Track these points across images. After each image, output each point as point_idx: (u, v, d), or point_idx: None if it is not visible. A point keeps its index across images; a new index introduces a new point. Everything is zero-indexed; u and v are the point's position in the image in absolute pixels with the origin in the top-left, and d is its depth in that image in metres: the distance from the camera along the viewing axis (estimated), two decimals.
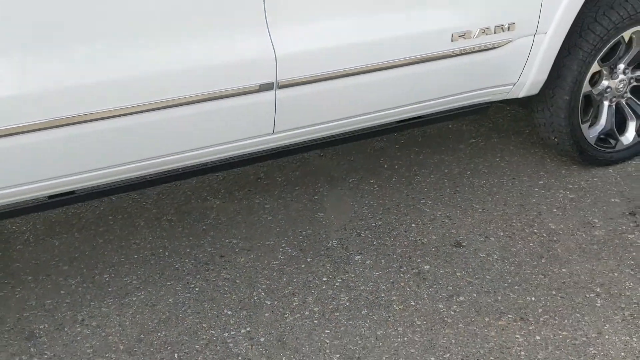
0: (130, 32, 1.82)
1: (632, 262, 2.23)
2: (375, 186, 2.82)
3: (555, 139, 2.72)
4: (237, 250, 2.43)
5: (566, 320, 1.99)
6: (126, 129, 1.90)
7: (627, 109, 2.78)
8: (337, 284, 2.21)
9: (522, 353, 1.87)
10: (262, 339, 1.98)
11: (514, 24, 2.29)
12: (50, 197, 2.09)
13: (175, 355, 1.93)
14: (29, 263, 2.43)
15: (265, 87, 2.01)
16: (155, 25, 1.84)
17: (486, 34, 2.25)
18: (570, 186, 2.71)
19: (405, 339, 1.95)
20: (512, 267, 2.24)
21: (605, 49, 2.52)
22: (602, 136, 2.77)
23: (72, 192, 2.11)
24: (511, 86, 2.48)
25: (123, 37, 1.81)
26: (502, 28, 2.27)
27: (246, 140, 2.13)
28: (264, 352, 1.93)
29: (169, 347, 1.96)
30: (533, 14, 2.31)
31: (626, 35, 2.56)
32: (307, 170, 2.99)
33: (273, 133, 2.15)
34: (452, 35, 2.19)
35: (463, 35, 2.21)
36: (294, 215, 2.63)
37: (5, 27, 1.68)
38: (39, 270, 2.38)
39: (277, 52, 1.98)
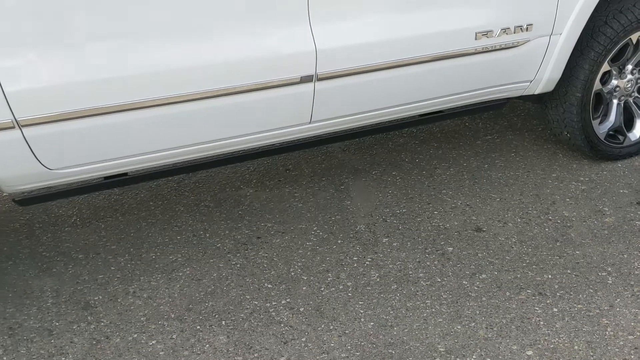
0: (190, 28, 2.01)
1: None
2: (398, 178, 3.00)
3: (568, 134, 2.91)
4: (272, 232, 2.61)
5: (580, 295, 2.16)
6: (184, 114, 2.09)
7: (634, 107, 2.97)
8: (367, 262, 2.39)
9: (541, 322, 2.04)
10: (301, 309, 2.15)
11: (532, 24, 2.48)
12: (105, 178, 2.29)
13: (223, 322, 2.11)
14: (79, 243, 2.61)
15: (306, 79, 2.20)
16: (212, 21, 2.03)
17: (507, 34, 2.44)
18: (582, 178, 2.89)
19: (433, 310, 2.12)
20: (530, 249, 2.42)
21: (614, 50, 2.71)
22: (611, 132, 2.95)
23: (125, 174, 2.31)
24: (528, 83, 2.67)
25: (183, 32, 2.01)
26: (521, 28, 2.46)
27: (285, 128, 2.32)
28: (304, 320, 2.10)
29: (217, 316, 2.14)
30: (549, 16, 2.50)
31: (634, 37, 2.74)
32: (332, 163, 3.17)
33: (310, 122, 2.34)
34: (476, 34, 2.38)
35: (486, 34, 2.40)
36: (322, 203, 2.81)
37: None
38: (89, 249, 2.56)
39: (318, 46, 2.17)
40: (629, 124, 2.98)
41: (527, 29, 2.48)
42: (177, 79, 2.02)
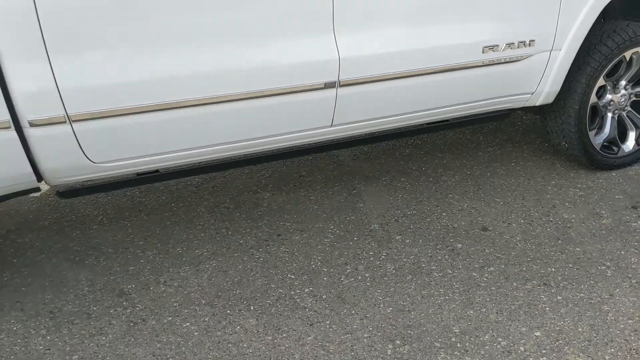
0: (228, 36, 2.19)
1: (636, 244, 2.58)
2: (407, 184, 3.18)
3: (566, 144, 3.11)
4: (291, 230, 2.77)
5: (582, 286, 2.33)
6: (218, 114, 2.26)
7: (627, 121, 3.19)
8: (383, 256, 2.55)
9: (547, 309, 2.20)
10: (324, 296, 2.30)
11: (534, 40, 2.69)
12: (138, 174, 2.45)
13: (251, 307, 2.25)
14: (107, 239, 2.75)
15: (329, 85, 2.39)
16: (249, 30, 2.22)
17: (511, 48, 2.65)
18: (579, 185, 3.09)
19: (447, 297, 2.28)
20: (533, 246, 2.59)
21: (609, 65, 2.93)
22: (606, 143, 3.16)
23: (156, 171, 2.47)
24: (530, 95, 2.87)
25: (221, 40, 2.19)
26: (524, 44, 2.68)
27: (309, 131, 2.50)
28: (327, 305, 2.25)
29: (245, 302, 2.28)
30: (550, 33, 2.72)
31: (627, 55, 2.97)
32: (343, 171, 3.35)
33: (331, 126, 2.52)
34: (483, 47, 2.59)
35: (492, 48, 2.61)
36: (337, 205, 2.98)
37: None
38: (117, 244, 2.71)
39: (341, 55, 2.36)
40: (623, 137, 3.20)
41: (529, 44, 2.70)
42: (213, 81, 2.20)
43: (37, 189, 2.23)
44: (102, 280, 2.45)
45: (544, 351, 2.00)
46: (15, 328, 2.18)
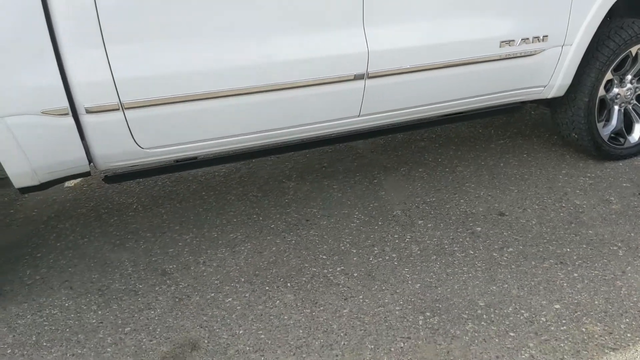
0: (265, 30, 2.35)
1: None
2: (424, 174, 3.34)
3: (576, 136, 3.28)
4: (319, 216, 2.92)
5: (596, 264, 2.49)
6: (257, 104, 2.41)
7: (633, 113, 3.36)
8: (407, 239, 2.71)
9: (565, 284, 2.36)
10: (355, 274, 2.46)
11: (547, 36, 2.86)
12: (176, 161, 2.61)
13: (288, 284, 2.40)
14: (144, 224, 2.90)
15: (359, 77, 2.55)
16: (284, 25, 2.37)
17: (526, 43, 2.82)
18: (589, 174, 3.25)
19: (470, 275, 2.44)
20: (549, 229, 2.75)
21: (617, 60, 3.11)
22: (613, 135, 3.33)
23: (195, 158, 2.63)
24: (542, 88, 3.04)
25: (260, 34, 2.35)
26: (538, 39, 2.84)
27: (337, 120, 2.66)
28: (358, 282, 2.41)
29: (281, 279, 2.43)
30: (562, 29, 2.89)
31: (633, 50, 3.15)
32: (363, 162, 3.51)
33: (359, 116, 2.68)
34: (500, 42, 2.76)
35: (508, 43, 2.78)
36: (359, 193, 3.13)
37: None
38: (155, 229, 2.85)
39: (370, 47, 2.52)
40: (629, 129, 3.37)
41: (543, 39, 2.86)
42: (255, 72, 2.35)
43: (88, 173, 2.38)
44: (144, 261, 2.59)
45: (563, 321, 2.16)
46: (67, 304, 2.33)
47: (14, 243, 2.77)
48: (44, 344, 2.12)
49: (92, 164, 2.34)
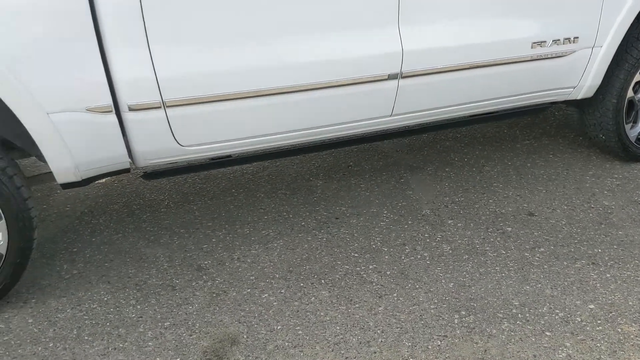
0: (304, 31, 2.38)
1: None
2: (451, 173, 3.36)
3: (603, 137, 3.29)
4: (348, 214, 2.95)
5: (628, 265, 2.50)
6: (292, 103, 2.44)
7: None
8: (438, 238, 2.73)
9: (598, 285, 2.38)
10: (387, 272, 2.48)
11: (577, 37, 2.87)
12: (211, 159, 2.64)
13: (322, 281, 2.43)
14: (177, 220, 2.94)
15: (393, 77, 2.57)
16: (321, 25, 2.40)
17: (557, 44, 2.83)
18: (616, 175, 3.26)
19: (503, 274, 2.46)
20: (579, 230, 2.76)
21: None
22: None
23: (229, 156, 2.66)
24: (572, 89, 3.05)
25: (297, 34, 2.38)
26: (569, 40, 2.85)
27: (370, 120, 2.68)
28: (392, 280, 2.43)
29: (315, 276, 2.46)
30: (592, 31, 2.89)
31: None
32: (389, 162, 3.53)
33: (391, 115, 2.70)
34: (532, 43, 2.77)
35: (540, 44, 2.79)
36: (387, 192, 3.16)
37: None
38: (187, 225, 2.89)
39: (404, 47, 2.54)
40: None
41: (573, 41, 2.88)
42: (292, 72, 2.38)
43: (127, 170, 2.42)
44: (179, 257, 2.63)
45: (599, 321, 2.18)
46: (105, 299, 2.37)
47: (49, 238, 2.81)
48: (86, 337, 2.16)
49: (131, 160, 2.39)
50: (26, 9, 2.01)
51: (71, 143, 2.18)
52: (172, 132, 2.31)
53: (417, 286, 2.40)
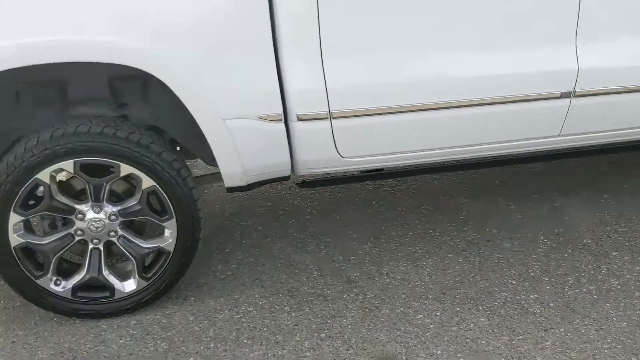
0: (476, 46, 2.30)
1: None
2: (610, 200, 3.11)
3: None
4: (500, 238, 2.80)
5: None
6: (455, 118, 2.35)
7: None
8: (604, 271, 2.52)
9: None
10: (551, 304, 2.32)
11: None
12: (362, 171, 2.61)
13: (480, 307, 2.32)
14: (322, 229, 2.94)
15: (565, 95, 2.42)
16: (495, 39, 2.31)
17: None
18: None
19: None
20: None
21: None
22: None
23: (381, 169, 2.62)
24: None
25: (468, 49, 2.30)
26: None
27: (536, 139, 2.53)
28: (556, 313, 2.27)
29: (472, 301, 2.35)
30: None
31: None
32: (538, 182, 3.33)
33: (558, 135, 2.54)
34: None
35: None
36: (541, 217, 2.98)
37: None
38: (333, 234, 2.88)
39: (580, 65, 2.38)
40: None
41: None
42: (461, 86, 2.30)
43: (287, 178, 2.44)
44: (328, 267, 2.62)
45: None
46: (260, 303, 2.40)
47: (202, 237, 2.91)
48: (245, 341, 2.19)
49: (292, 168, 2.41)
50: (218, 19, 2.09)
51: (242, 149, 2.22)
52: (334, 143, 2.29)
53: (586, 322, 2.22)
